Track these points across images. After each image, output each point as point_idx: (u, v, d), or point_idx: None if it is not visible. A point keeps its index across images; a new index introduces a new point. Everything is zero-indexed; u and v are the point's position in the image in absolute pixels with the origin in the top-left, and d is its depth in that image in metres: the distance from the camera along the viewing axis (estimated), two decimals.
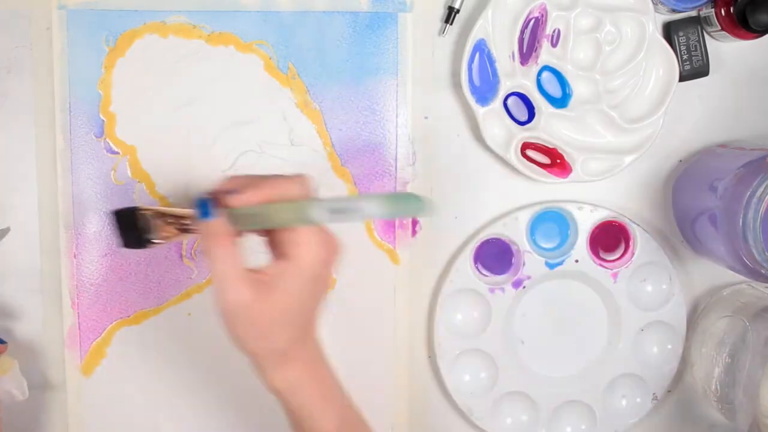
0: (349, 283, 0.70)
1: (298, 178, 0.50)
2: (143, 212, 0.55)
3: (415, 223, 0.70)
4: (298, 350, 0.52)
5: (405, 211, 0.47)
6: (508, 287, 0.71)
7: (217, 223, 0.49)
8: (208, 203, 0.49)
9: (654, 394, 0.73)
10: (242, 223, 0.50)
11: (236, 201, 0.49)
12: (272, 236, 0.51)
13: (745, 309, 0.68)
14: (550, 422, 0.73)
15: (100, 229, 0.68)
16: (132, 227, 0.56)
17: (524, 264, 0.71)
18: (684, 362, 0.74)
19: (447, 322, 0.70)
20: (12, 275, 0.68)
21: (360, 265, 0.70)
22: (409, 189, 0.69)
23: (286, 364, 0.52)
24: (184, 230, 0.55)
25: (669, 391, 0.74)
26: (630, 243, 0.72)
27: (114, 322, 0.69)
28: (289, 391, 0.53)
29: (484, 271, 0.71)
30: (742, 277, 0.71)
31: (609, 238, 0.72)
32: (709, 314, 0.72)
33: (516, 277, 0.71)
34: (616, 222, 0.71)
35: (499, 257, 0.71)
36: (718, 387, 0.68)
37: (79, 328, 0.69)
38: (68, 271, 0.68)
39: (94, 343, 0.69)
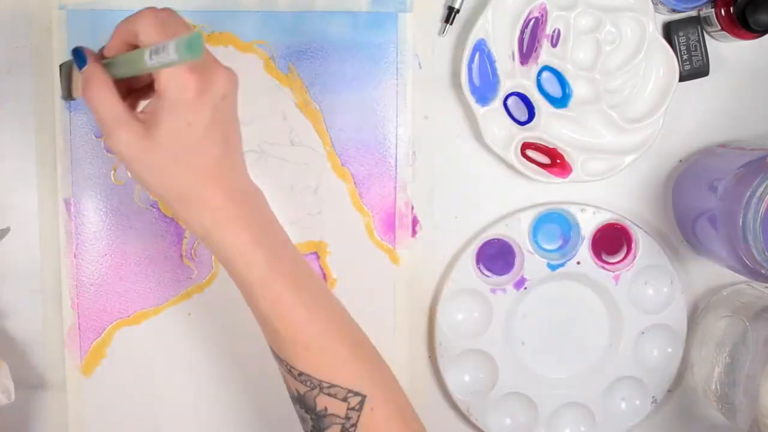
0: (349, 283, 0.70)
1: (145, 12, 0.48)
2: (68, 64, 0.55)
3: (415, 223, 0.70)
4: (208, 192, 0.50)
5: (188, 50, 0.42)
6: (510, 288, 0.71)
7: (89, 68, 0.50)
8: (81, 51, 0.51)
9: (653, 397, 0.73)
10: (113, 70, 0.50)
11: (106, 52, 0.50)
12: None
13: (745, 309, 0.68)
14: (549, 423, 0.73)
15: (100, 229, 0.68)
16: (67, 79, 0.56)
17: (526, 265, 0.71)
18: (684, 362, 0.74)
19: (448, 322, 0.70)
20: (12, 275, 0.68)
21: (360, 265, 0.70)
22: (409, 189, 0.69)
23: (198, 206, 0.50)
24: None
25: (669, 391, 0.74)
26: (632, 245, 0.71)
27: (114, 322, 0.69)
28: (208, 235, 0.51)
29: (486, 272, 0.71)
30: (742, 277, 0.71)
31: (611, 241, 0.72)
32: (709, 314, 0.72)
33: (517, 278, 0.71)
34: (618, 224, 0.71)
35: (501, 258, 0.71)
36: (718, 387, 0.68)
37: (79, 328, 0.69)
38: (68, 271, 0.68)
39: (94, 343, 0.69)
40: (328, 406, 0.53)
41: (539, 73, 0.68)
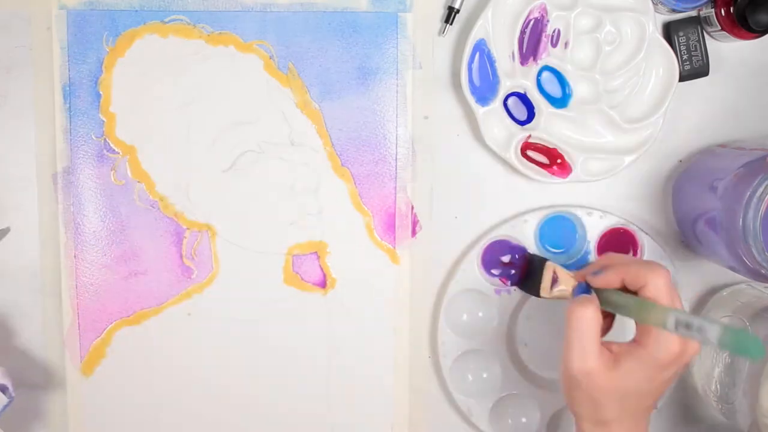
0: (349, 283, 0.70)
1: (660, 270, 0.54)
2: (550, 266, 0.63)
3: (415, 223, 0.70)
4: (618, 426, 0.55)
5: (742, 349, 0.47)
6: (514, 289, 0.71)
7: (589, 300, 0.55)
8: (585, 286, 0.59)
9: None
10: (604, 303, 0.56)
11: (596, 281, 0.57)
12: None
13: (745, 309, 0.68)
14: (550, 425, 0.72)
15: (100, 229, 0.68)
16: (535, 274, 0.64)
17: None
18: None
19: (451, 322, 0.70)
20: (12, 275, 0.68)
21: (360, 265, 0.70)
22: (409, 189, 0.69)
23: (600, 429, 0.55)
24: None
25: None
26: (638, 251, 0.71)
27: (114, 322, 0.69)
28: None
29: (491, 272, 0.71)
30: (742, 277, 0.71)
31: (617, 245, 0.71)
32: (709, 314, 0.72)
33: None
34: (624, 229, 0.71)
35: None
36: (718, 387, 0.68)
37: (79, 328, 0.69)
38: (68, 271, 0.68)
39: (94, 343, 0.69)
40: None
41: (539, 73, 0.68)
